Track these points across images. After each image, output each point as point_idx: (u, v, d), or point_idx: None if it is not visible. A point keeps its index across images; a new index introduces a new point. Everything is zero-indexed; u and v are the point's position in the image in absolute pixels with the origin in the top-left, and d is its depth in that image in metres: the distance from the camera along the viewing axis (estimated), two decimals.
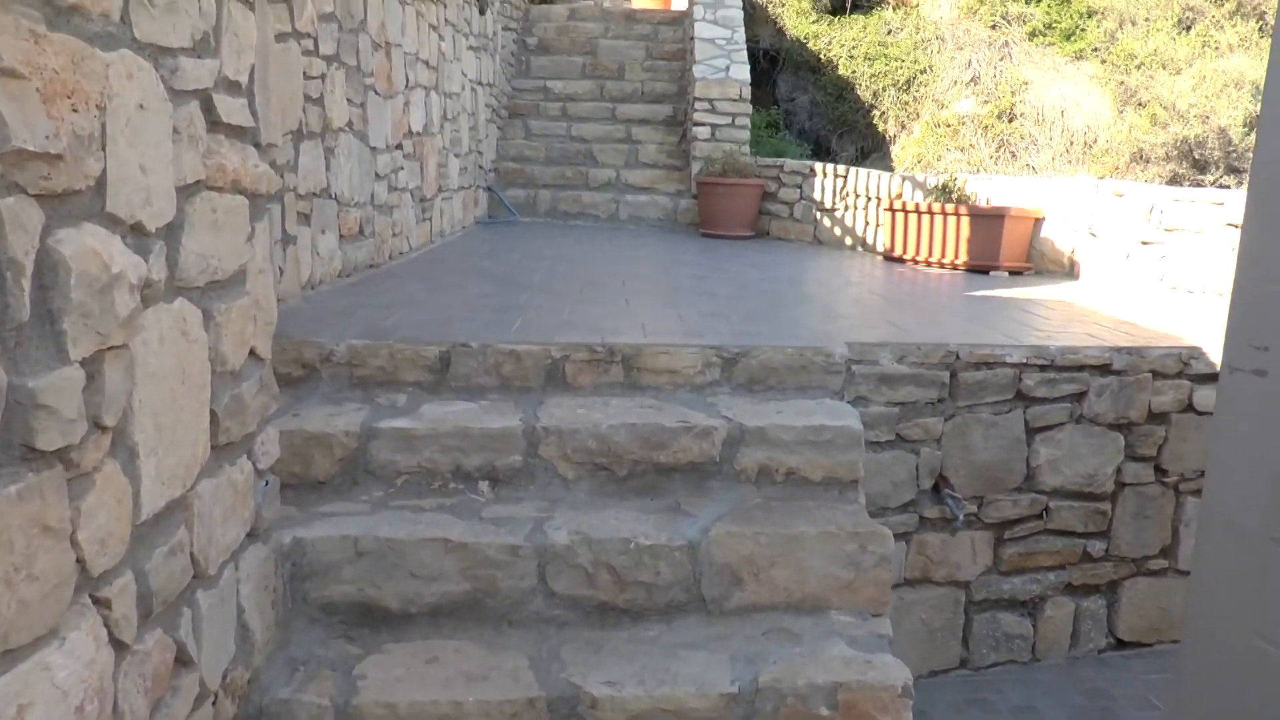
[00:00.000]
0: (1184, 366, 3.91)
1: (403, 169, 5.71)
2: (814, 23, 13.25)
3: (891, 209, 7.29)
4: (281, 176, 3.78)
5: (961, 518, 3.66)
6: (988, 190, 7.21)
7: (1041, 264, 6.86)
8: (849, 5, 13.93)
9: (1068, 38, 13.09)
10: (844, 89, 13.10)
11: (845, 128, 13.11)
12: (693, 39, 9.31)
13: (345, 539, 2.56)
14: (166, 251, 1.83)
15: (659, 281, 5.22)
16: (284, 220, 3.77)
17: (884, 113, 12.98)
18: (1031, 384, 3.74)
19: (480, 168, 8.34)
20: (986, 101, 12.85)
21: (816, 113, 13.15)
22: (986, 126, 12.59)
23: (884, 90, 13.01)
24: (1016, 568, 3.90)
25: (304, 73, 4.05)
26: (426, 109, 6.25)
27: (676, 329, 3.65)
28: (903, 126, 13.09)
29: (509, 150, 9.33)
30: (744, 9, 9.70)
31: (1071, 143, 12.52)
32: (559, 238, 7.50)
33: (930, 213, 7.02)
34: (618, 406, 3.09)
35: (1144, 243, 6.00)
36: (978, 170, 12.51)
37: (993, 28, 13.29)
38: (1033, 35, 13.17)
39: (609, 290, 4.75)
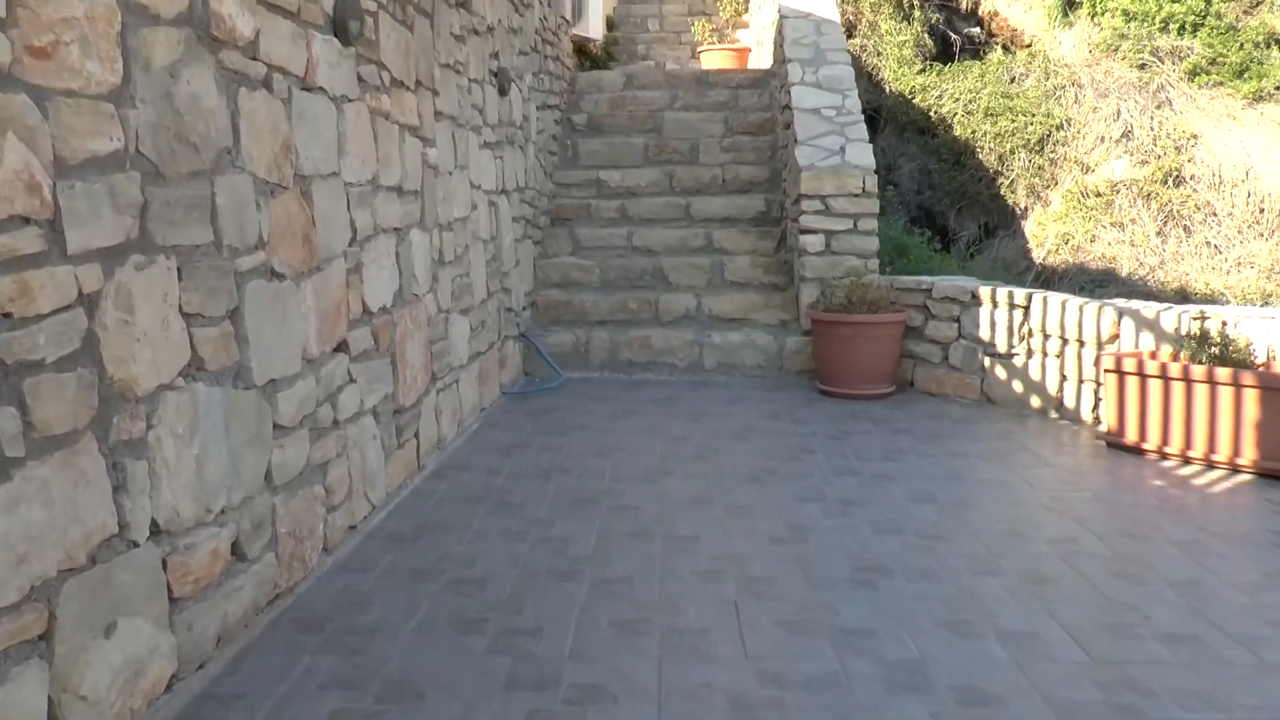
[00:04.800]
0: None
1: (349, 385, 3.37)
2: (919, 73, 10.82)
3: (1119, 369, 4.78)
4: None
5: None
6: (1264, 333, 4.63)
7: None
8: (957, 51, 11.50)
9: (1239, 74, 10.43)
10: (961, 153, 10.62)
11: (965, 200, 10.61)
12: (788, 108, 6.91)
13: None
14: None
15: (783, 588, 2.78)
16: None
17: (1012, 180, 10.45)
18: None
19: (508, 310, 5.98)
20: (1145, 161, 10.21)
21: (927, 183, 10.67)
22: (1148, 194, 9.96)
23: (1011, 152, 10.48)
24: None
25: None
26: (400, 265, 3.92)
27: None
28: (1037, 197, 10.53)
29: (550, 273, 6.98)
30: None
31: (1262, 209, 9.84)
32: (617, 426, 5.12)
33: (1188, 380, 4.50)
34: None
35: None
36: (1139, 250, 9.91)
37: (1140, 67, 10.69)
38: (1194, 74, 10.53)
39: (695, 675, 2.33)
